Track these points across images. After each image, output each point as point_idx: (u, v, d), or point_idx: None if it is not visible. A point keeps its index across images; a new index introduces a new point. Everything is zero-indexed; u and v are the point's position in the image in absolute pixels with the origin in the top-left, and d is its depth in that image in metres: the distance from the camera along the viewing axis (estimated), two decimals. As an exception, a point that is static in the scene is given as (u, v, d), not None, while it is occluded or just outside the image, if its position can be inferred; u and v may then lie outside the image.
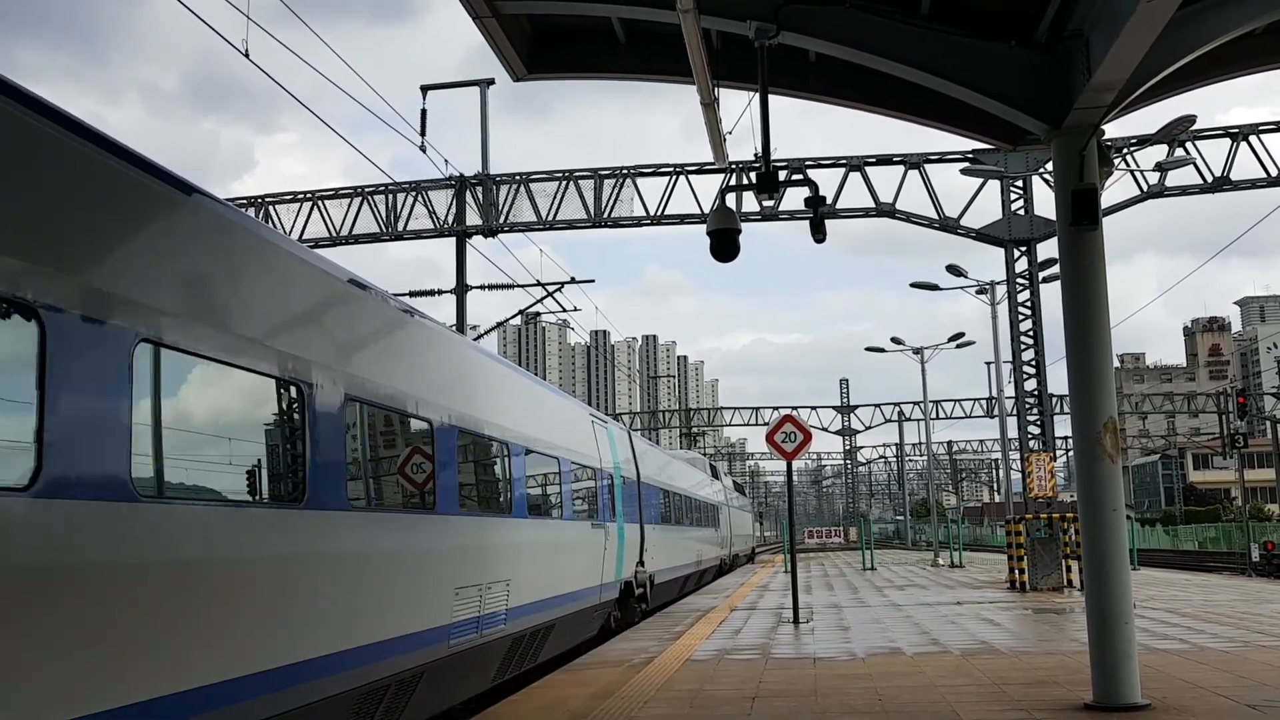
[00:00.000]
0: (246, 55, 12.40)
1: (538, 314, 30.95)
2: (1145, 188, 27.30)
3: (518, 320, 33.34)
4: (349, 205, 30.21)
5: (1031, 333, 26.47)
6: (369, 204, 30.09)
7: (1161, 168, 25.70)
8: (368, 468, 7.83)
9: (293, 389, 6.64)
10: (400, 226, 29.74)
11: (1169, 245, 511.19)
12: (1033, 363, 26.34)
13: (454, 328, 26.46)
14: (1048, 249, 26.80)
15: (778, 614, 18.59)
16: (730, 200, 24.01)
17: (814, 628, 16.04)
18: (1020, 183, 26.69)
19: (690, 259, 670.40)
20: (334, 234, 30.02)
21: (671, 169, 29.10)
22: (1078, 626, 14.70)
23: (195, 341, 5.69)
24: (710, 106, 10.23)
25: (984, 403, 68.77)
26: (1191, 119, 19.39)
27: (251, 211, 30.09)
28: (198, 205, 6.11)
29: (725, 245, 10.70)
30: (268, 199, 30.85)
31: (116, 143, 5.49)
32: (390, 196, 30.01)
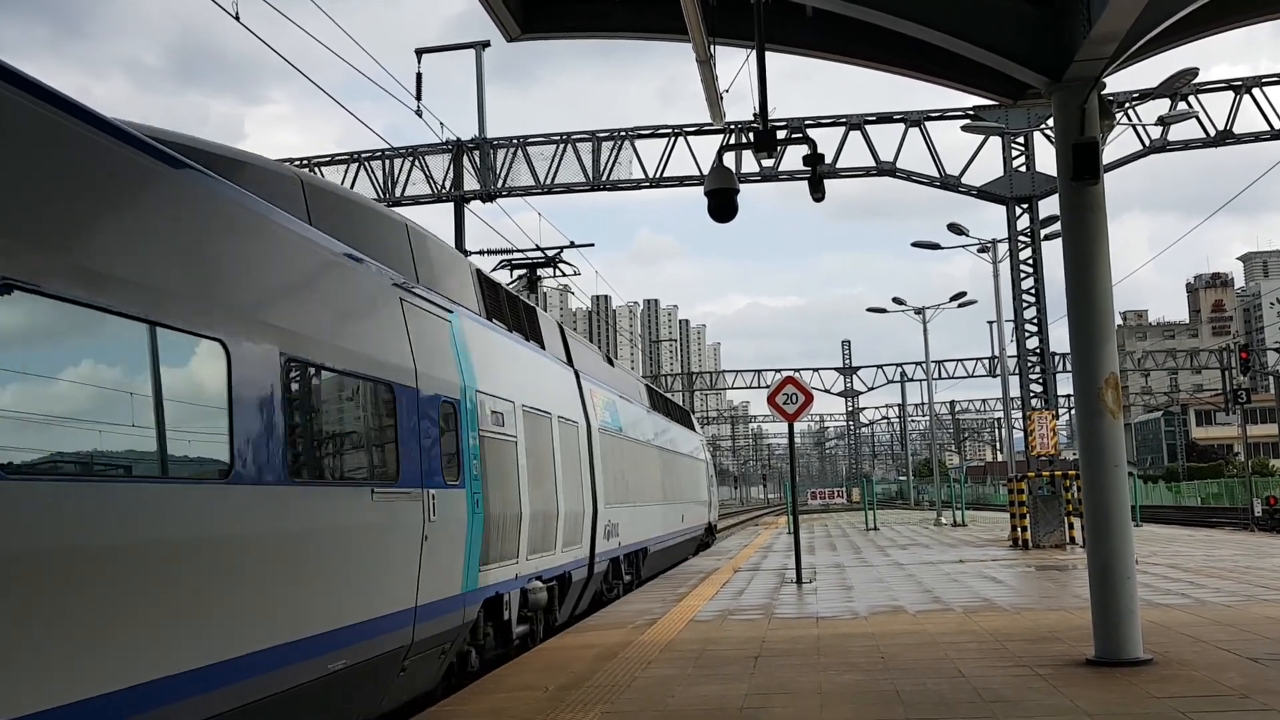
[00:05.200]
0: (237, 18, 12.23)
1: (538, 279, 30.84)
2: (1147, 142, 27.07)
3: (518, 285, 33.29)
4: (345, 172, 30.05)
5: (1033, 290, 26.38)
6: (365, 170, 29.92)
7: (1164, 121, 25.48)
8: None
9: None
10: (398, 193, 29.58)
11: (1156, 204, 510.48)
12: (1035, 320, 26.27)
13: None
14: (1049, 206, 26.65)
15: (781, 574, 18.65)
16: (728, 160, 23.84)
17: (817, 588, 16.09)
18: (1021, 139, 26.50)
19: (682, 223, 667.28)
20: (331, 201, 29.86)
21: (670, 130, 28.88)
22: (1080, 583, 14.73)
23: None
24: (706, 64, 10.10)
25: (986, 362, 68.83)
26: (1194, 71, 19.17)
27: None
28: None
29: (723, 206, 10.62)
30: (264, 166, 30.64)
31: None
32: (387, 162, 29.83)
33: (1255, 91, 27.16)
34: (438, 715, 7.86)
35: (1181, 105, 26.30)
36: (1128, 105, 26.68)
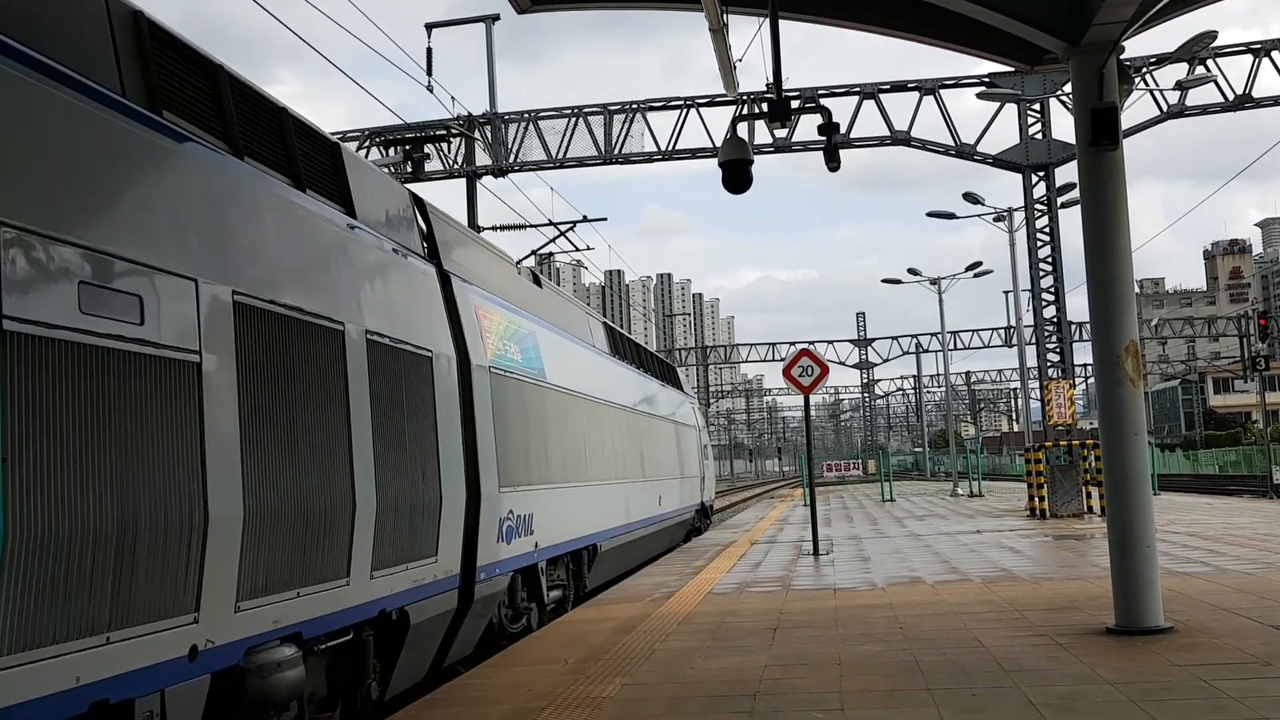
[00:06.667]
0: (245, -5, 12.17)
1: (551, 254, 30.78)
2: (1165, 107, 26.76)
3: (531, 261, 33.24)
4: (357, 148, 29.97)
5: (1050, 259, 26.19)
6: (378, 147, 29.84)
7: (1182, 86, 25.18)
8: None
9: None
10: (410, 169, 29.50)
11: (1169, 171, 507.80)
12: (1051, 289, 26.10)
13: None
14: (1065, 174, 26.42)
15: (797, 546, 18.66)
16: (742, 130, 23.64)
17: (834, 559, 16.09)
18: (1038, 106, 26.23)
19: (692, 198, 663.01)
20: (343, 178, 29.81)
21: (682, 102, 28.68)
22: (1098, 552, 14.69)
23: None
24: (719, 33, 9.99)
25: (1002, 332, 68.51)
26: (1213, 35, 18.90)
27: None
28: None
29: (737, 176, 10.54)
30: (276, 144, 30.60)
31: None
32: (399, 138, 29.73)
33: (1275, 54, 26.79)
34: (457, 689, 7.89)
35: (1199, 69, 25.97)
36: (1145, 70, 26.36)
